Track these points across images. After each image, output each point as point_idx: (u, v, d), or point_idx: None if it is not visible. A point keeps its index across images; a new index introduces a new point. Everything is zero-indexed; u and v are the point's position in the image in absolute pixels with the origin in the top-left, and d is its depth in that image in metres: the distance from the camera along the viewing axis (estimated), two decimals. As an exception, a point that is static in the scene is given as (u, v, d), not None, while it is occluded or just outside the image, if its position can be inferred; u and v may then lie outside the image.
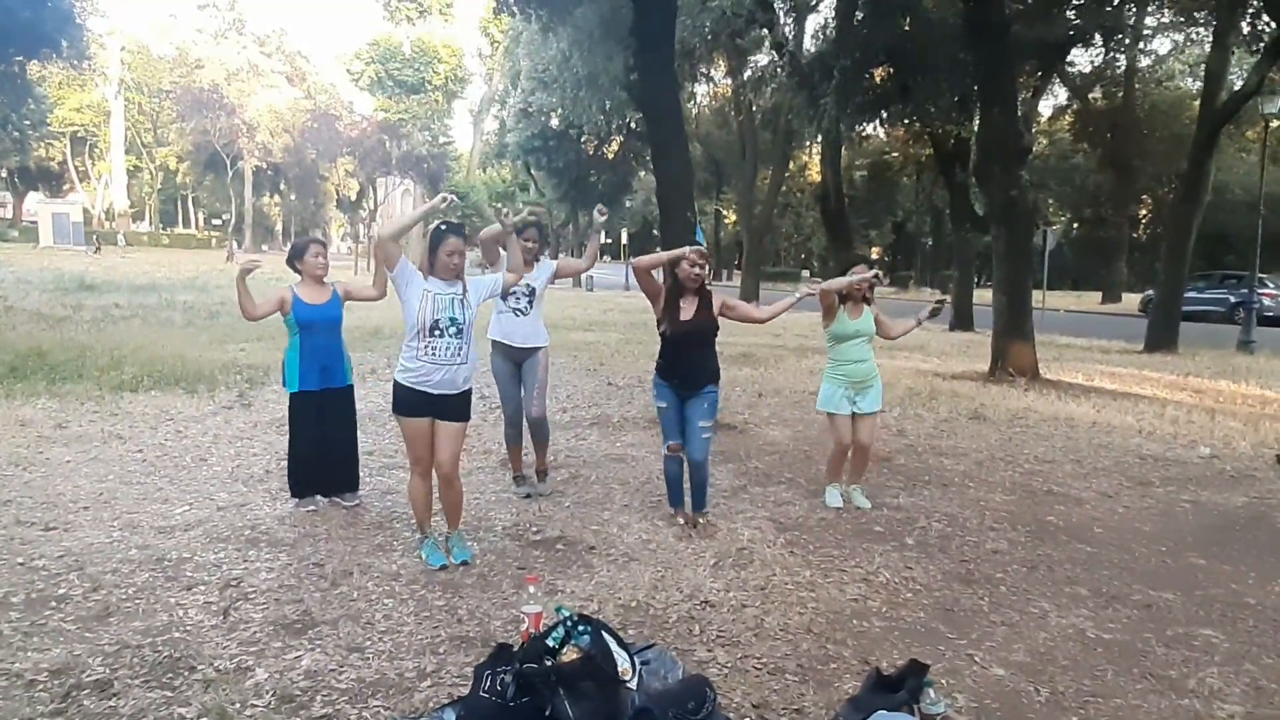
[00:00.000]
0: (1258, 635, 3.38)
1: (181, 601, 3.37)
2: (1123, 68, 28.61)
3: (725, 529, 4.45)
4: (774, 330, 17.37)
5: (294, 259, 4.54)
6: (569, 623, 2.69)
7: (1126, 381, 10.50)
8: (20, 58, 14.65)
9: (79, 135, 53.79)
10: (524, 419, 4.98)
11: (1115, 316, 25.84)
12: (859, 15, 16.89)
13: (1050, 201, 42.49)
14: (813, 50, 21.08)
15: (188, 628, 3.15)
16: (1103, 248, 35.94)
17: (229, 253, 42.52)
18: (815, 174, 38.98)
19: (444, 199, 3.76)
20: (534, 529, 4.39)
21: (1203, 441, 6.94)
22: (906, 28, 15.55)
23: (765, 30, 20.34)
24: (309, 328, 4.49)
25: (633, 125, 26.21)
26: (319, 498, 4.66)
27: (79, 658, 2.88)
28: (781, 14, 21.53)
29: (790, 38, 22.51)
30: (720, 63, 28.21)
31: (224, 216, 50.18)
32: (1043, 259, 24.52)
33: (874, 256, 52.74)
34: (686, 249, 4.27)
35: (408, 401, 3.76)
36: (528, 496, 4.93)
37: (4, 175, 54.90)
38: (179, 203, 62.54)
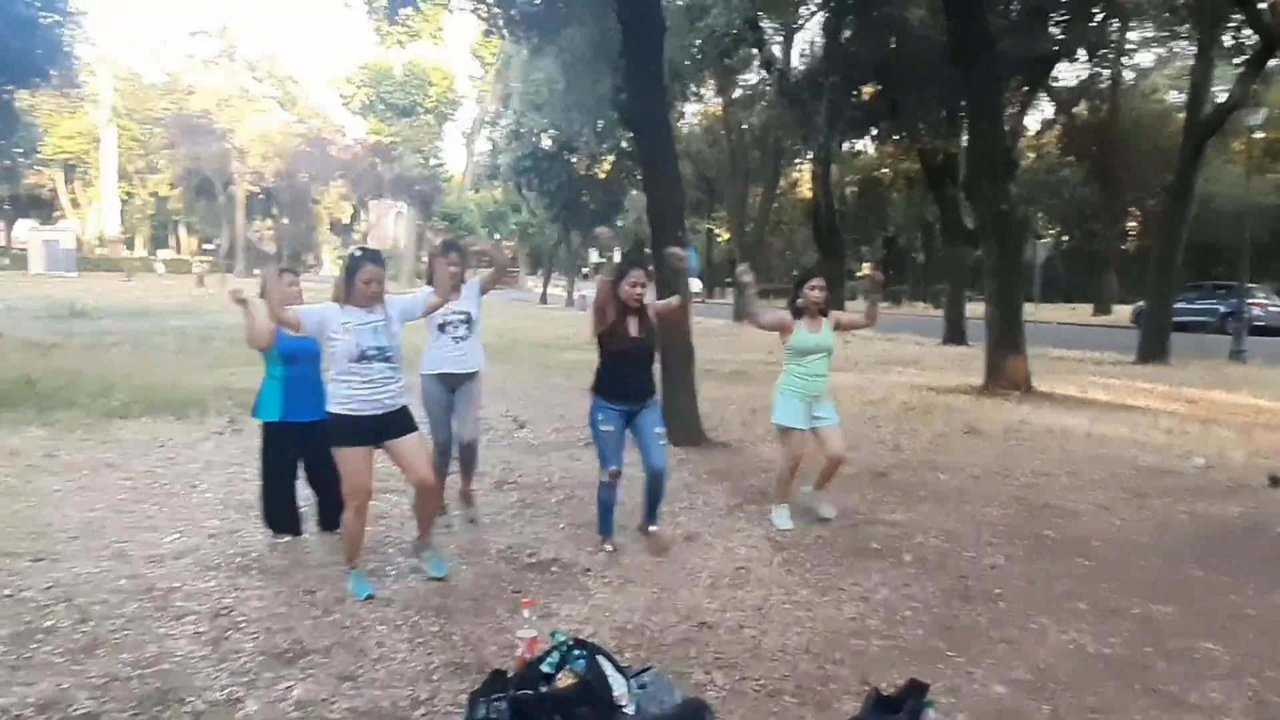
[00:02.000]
0: (1258, 647, 3.36)
1: (171, 632, 3.32)
2: (1108, 82, 28.92)
3: (721, 548, 4.42)
4: (768, 347, 17.38)
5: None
6: (564, 647, 2.66)
7: (1120, 393, 10.52)
8: (10, 86, 14.68)
9: (70, 163, 53.84)
10: (450, 444, 4.82)
11: (1107, 328, 25.95)
12: (846, 34, 17.06)
13: (1040, 215, 42.77)
14: (801, 69, 21.27)
15: (177, 658, 3.10)
16: (1093, 260, 36.21)
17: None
18: (806, 191, 39.21)
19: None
20: (528, 552, 4.35)
21: (1197, 452, 6.95)
22: (894, 45, 15.72)
23: (754, 49, 20.53)
24: (293, 358, 4.38)
25: (624, 145, 26.34)
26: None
27: (66, 691, 2.83)
28: (770, 33, 21.75)
29: (779, 57, 22.74)
30: (710, 82, 28.41)
31: (216, 242, 50.16)
32: (1034, 272, 24.69)
33: (866, 272, 52.94)
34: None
35: (349, 431, 3.63)
36: (448, 527, 4.75)
37: (-6, 203, 54.94)
38: (171, 228, 62.54)
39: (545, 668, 2.63)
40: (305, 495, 4.60)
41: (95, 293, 29.79)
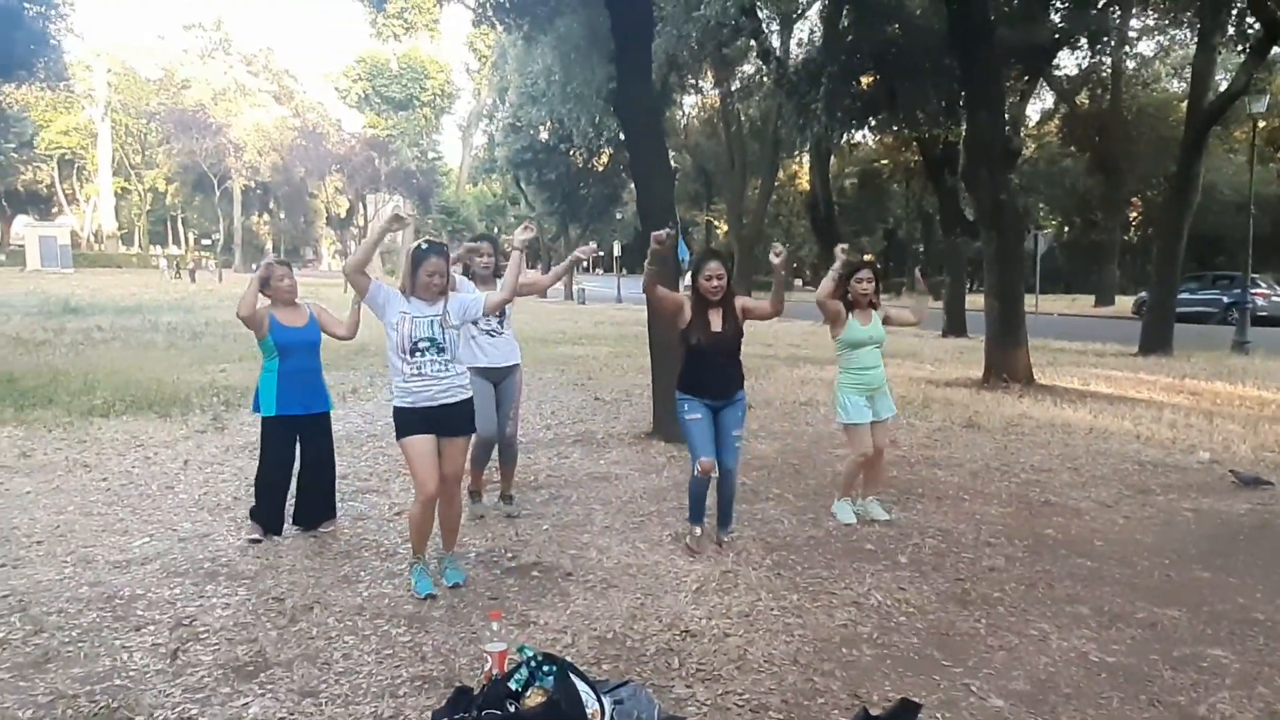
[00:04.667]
0: (1269, 654, 3.20)
1: (127, 644, 3.16)
2: (1109, 71, 28.65)
3: (710, 550, 4.25)
4: (765, 340, 17.23)
5: (261, 285, 4.36)
6: (533, 663, 2.51)
7: (1122, 385, 10.35)
8: (3, 80, 14.46)
9: (66, 158, 53.56)
10: (495, 439, 4.81)
11: (1109, 319, 25.76)
12: (844, 22, 16.82)
13: (1041, 205, 42.51)
14: (799, 58, 21.02)
15: (131, 673, 2.94)
16: (1095, 251, 35.92)
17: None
18: (805, 183, 38.96)
19: (397, 216, 3.58)
20: (509, 554, 4.19)
21: (1202, 446, 6.77)
22: (896, 31, 15.47)
23: (752, 39, 20.27)
24: (287, 350, 4.32)
25: (622, 137, 26.07)
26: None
27: (8, 710, 2.67)
28: (768, 23, 21.49)
29: (777, 46, 22.48)
30: (708, 73, 28.14)
31: (214, 236, 49.87)
32: (1034, 263, 24.48)
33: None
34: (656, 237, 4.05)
35: (411, 423, 3.61)
36: (481, 517, 4.76)
37: (-9, 199, 54.69)
38: (168, 223, 62.27)
39: (513, 685, 2.47)
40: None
41: (91, 288, 29.63)
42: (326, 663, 3.04)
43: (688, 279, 4.40)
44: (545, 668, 2.48)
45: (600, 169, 34.22)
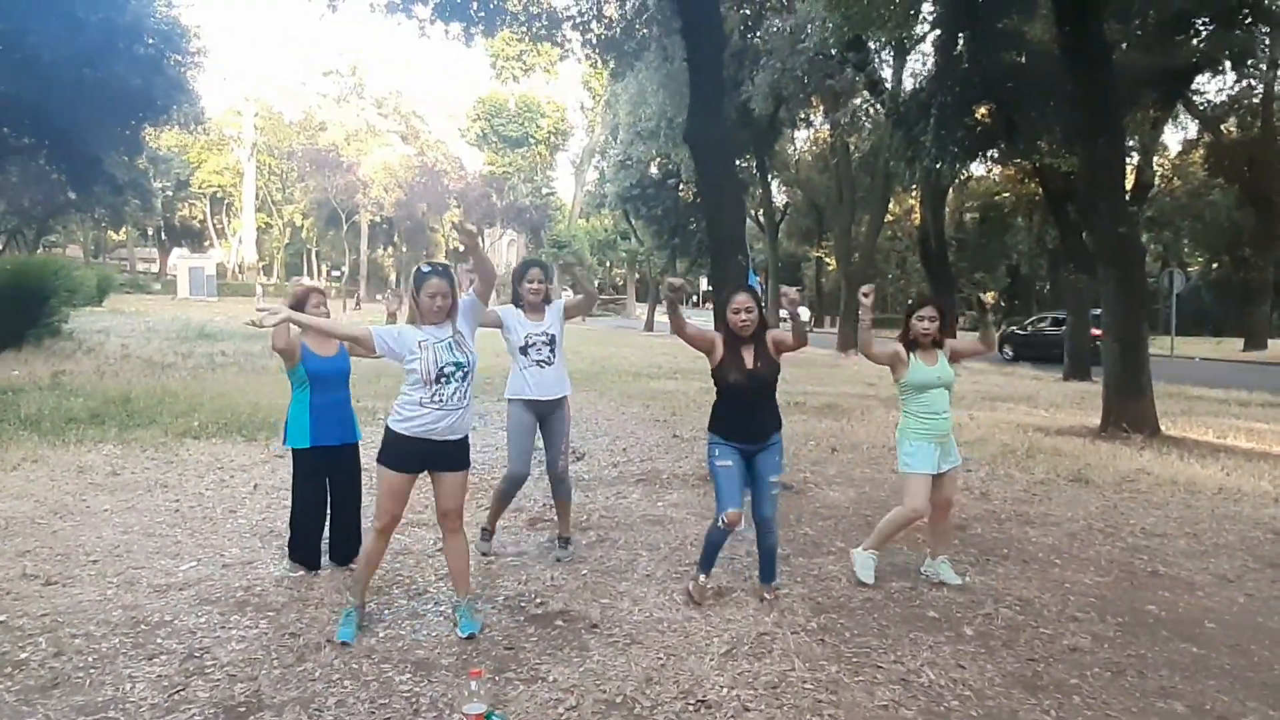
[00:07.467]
0: None
1: (135, 674, 3.14)
2: (1259, 96, 26.46)
3: (752, 607, 3.92)
4: (868, 379, 16.54)
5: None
6: (501, 733, 2.28)
7: (1266, 439, 9.25)
8: (137, 124, 15.78)
9: (218, 195, 58.20)
10: (525, 478, 4.64)
11: (1259, 365, 23.46)
12: (958, 49, 16.17)
13: (1185, 241, 39.55)
14: (910, 89, 20.39)
15: (127, 706, 2.91)
16: (1245, 290, 32.97)
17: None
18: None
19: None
20: (538, 600, 4.00)
21: (1355, 514, 5.88)
22: (1020, 60, 14.75)
23: (859, 71, 19.83)
24: (320, 380, 4.28)
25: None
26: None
27: (-2, 737, 2.67)
28: (878, 53, 20.98)
29: (889, 77, 21.90)
30: (818, 106, 27.72)
31: (342, 269, 52.91)
32: (1171, 302, 22.65)
33: (988, 302, 50.40)
34: (670, 284, 3.90)
35: (402, 452, 3.48)
36: (485, 555, 4.61)
37: (150, 233, 59.95)
38: (304, 256, 66.60)
39: (478, 755, 2.26)
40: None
41: (228, 315, 31.74)
42: (319, 709, 2.92)
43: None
44: (514, 739, 2.26)
45: (708, 204, 34.17)
